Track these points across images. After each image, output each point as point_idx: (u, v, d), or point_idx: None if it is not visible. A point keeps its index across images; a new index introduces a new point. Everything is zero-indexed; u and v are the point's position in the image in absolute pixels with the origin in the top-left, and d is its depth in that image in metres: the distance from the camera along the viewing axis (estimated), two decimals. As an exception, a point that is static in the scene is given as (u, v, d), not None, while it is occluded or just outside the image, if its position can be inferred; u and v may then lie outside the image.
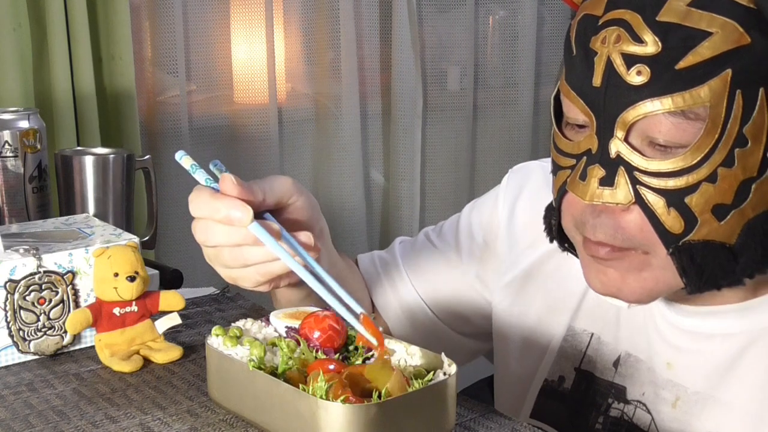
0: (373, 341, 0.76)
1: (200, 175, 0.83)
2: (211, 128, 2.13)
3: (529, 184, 1.05)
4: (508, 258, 1.04)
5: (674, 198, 0.76)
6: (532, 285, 1.02)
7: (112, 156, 1.32)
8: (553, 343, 0.99)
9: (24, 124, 1.25)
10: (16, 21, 1.69)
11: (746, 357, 0.85)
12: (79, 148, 1.49)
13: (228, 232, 0.79)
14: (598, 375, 0.95)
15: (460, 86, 2.47)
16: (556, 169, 0.84)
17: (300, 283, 0.87)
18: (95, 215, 1.22)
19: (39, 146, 1.26)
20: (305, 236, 0.80)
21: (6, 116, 1.25)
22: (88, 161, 1.30)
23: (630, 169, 0.77)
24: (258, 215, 0.79)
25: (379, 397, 0.69)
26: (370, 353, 0.78)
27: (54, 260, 0.93)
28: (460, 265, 1.08)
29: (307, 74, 2.25)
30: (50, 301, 0.93)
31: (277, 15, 2.14)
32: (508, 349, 1.05)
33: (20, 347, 0.92)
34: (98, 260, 0.92)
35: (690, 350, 0.88)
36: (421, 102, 2.40)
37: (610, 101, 0.77)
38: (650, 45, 0.75)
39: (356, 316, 0.77)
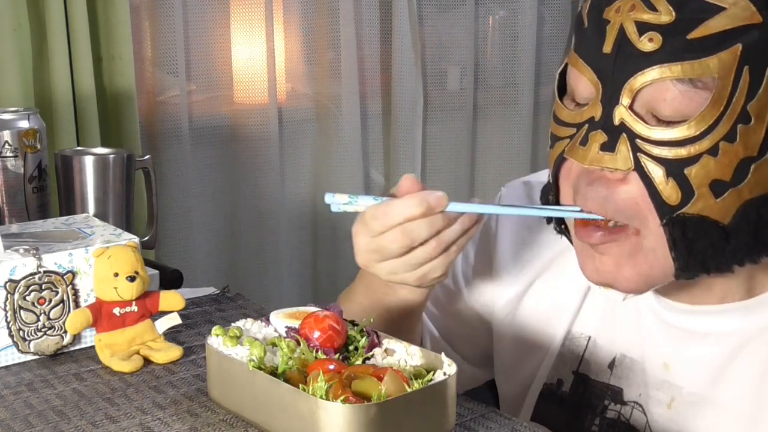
0: (599, 217, 0.82)
1: (365, 199, 0.85)
2: (211, 128, 2.13)
3: (523, 199, 1.05)
4: (506, 275, 1.04)
5: (674, 168, 0.77)
6: (532, 296, 1.02)
7: (112, 156, 1.32)
8: (553, 348, 0.99)
9: (24, 124, 1.25)
10: (16, 21, 1.69)
11: (740, 357, 0.85)
12: (79, 148, 1.49)
13: (431, 223, 0.82)
14: (594, 377, 0.95)
15: (460, 86, 2.47)
16: (554, 140, 0.85)
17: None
18: (95, 215, 1.22)
19: (39, 146, 1.26)
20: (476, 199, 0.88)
21: (6, 116, 1.25)
22: (88, 161, 1.30)
23: (632, 136, 0.77)
24: None
25: (379, 397, 0.69)
26: (370, 353, 0.78)
27: (54, 260, 0.93)
28: (459, 289, 1.08)
29: (307, 74, 2.25)
30: (50, 301, 0.93)
31: (277, 15, 2.14)
32: (509, 356, 1.05)
33: (20, 347, 0.92)
34: (98, 260, 0.92)
35: (686, 351, 0.88)
36: (421, 102, 2.40)
37: (619, 67, 0.77)
38: (664, 14, 0.76)
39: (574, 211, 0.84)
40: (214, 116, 2.14)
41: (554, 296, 1.00)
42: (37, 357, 0.94)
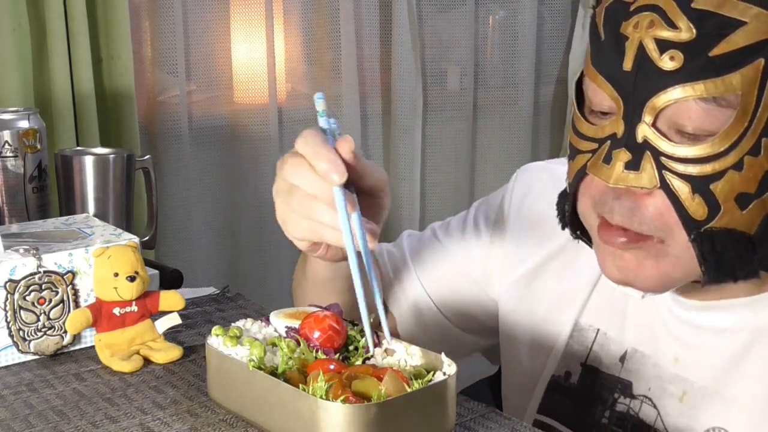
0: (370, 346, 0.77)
1: (323, 122, 0.84)
2: (211, 128, 2.13)
3: (537, 183, 1.05)
4: (515, 256, 1.05)
5: (700, 184, 0.76)
6: (539, 282, 1.03)
7: (112, 156, 1.32)
8: (560, 340, 1.00)
9: (24, 124, 1.25)
10: (16, 21, 1.69)
11: (753, 352, 0.85)
12: (79, 148, 1.49)
13: (314, 182, 0.79)
14: (605, 370, 0.96)
15: (460, 86, 2.47)
16: (575, 153, 0.84)
17: (334, 263, 0.90)
18: (95, 215, 1.22)
19: (39, 146, 1.26)
20: (373, 226, 0.81)
21: (6, 116, 1.25)
22: (88, 161, 1.30)
23: (657, 154, 0.77)
24: (346, 184, 0.79)
25: (379, 397, 0.69)
26: (370, 354, 0.78)
27: (54, 260, 0.93)
28: (466, 262, 1.08)
29: (307, 74, 2.26)
30: (50, 301, 0.93)
31: (277, 15, 2.14)
32: (516, 347, 1.05)
33: (20, 347, 0.92)
34: (98, 260, 0.92)
35: (698, 345, 0.89)
36: (421, 102, 2.40)
37: (641, 86, 0.77)
38: (684, 31, 0.75)
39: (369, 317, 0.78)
40: (214, 116, 2.14)
41: (562, 286, 1.00)
42: (37, 357, 0.94)
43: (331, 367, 0.73)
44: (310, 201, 0.80)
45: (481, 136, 2.55)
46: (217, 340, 0.79)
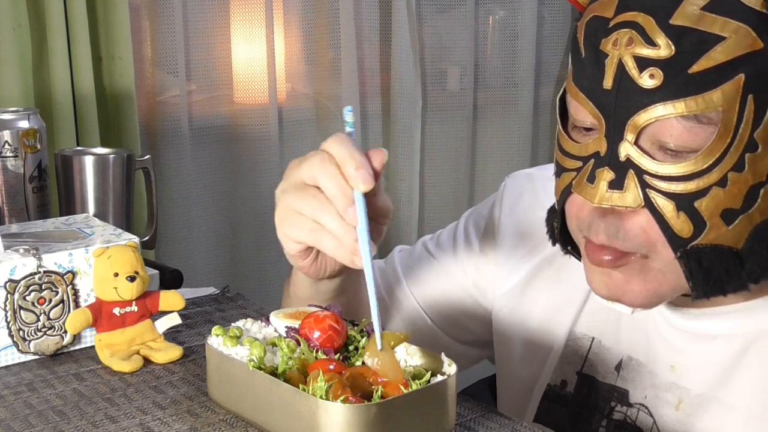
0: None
1: (349, 126, 0.82)
2: (211, 128, 2.13)
3: (527, 190, 1.05)
4: (507, 265, 1.04)
5: (684, 202, 0.76)
6: (533, 291, 1.02)
7: (112, 156, 1.32)
8: (555, 348, 0.99)
9: (24, 124, 1.25)
10: (16, 21, 1.69)
11: (748, 357, 0.85)
12: (79, 148, 1.49)
13: (337, 183, 0.77)
14: (600, 379, 0.95)
15: (460, 86, 2.47)
16: (560, 171, 0.84)
17: (317, 281, 0.89)
18: (95, 215, 1.22)
19: (39, 146, 1.26)
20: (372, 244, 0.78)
21: (6, 116, 1.25)
22: (88, 161, 1.30)
23: (640, 172, 0.77)
24: None
25: (380, 397, 0.69)
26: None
27: (54, 260, 0.93)
28: (458, 274, 1.08)
29: (307, 74, 2.25)
30: (50, 301, 0.93)
31: (277, 15, 2.14)
32: (511, 355, 1.05)
33: (20, 347, 0.92)
34: (98, 260, 0.92)
35: (693, 352, 0.88)
36: (420, 102, 2.40)
37: (621, 104, 0.76)
38: (663, 48, 0.74)
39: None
40: (214, 116, 2.14)
41: (555, 294, 1.00)
42: (37, 357, 0.94)
43: (331, 367, 0.73)
44: (323, 203, 0.78)
45: (481, 136, 2.55)
46: (217, 340, 0.79)
